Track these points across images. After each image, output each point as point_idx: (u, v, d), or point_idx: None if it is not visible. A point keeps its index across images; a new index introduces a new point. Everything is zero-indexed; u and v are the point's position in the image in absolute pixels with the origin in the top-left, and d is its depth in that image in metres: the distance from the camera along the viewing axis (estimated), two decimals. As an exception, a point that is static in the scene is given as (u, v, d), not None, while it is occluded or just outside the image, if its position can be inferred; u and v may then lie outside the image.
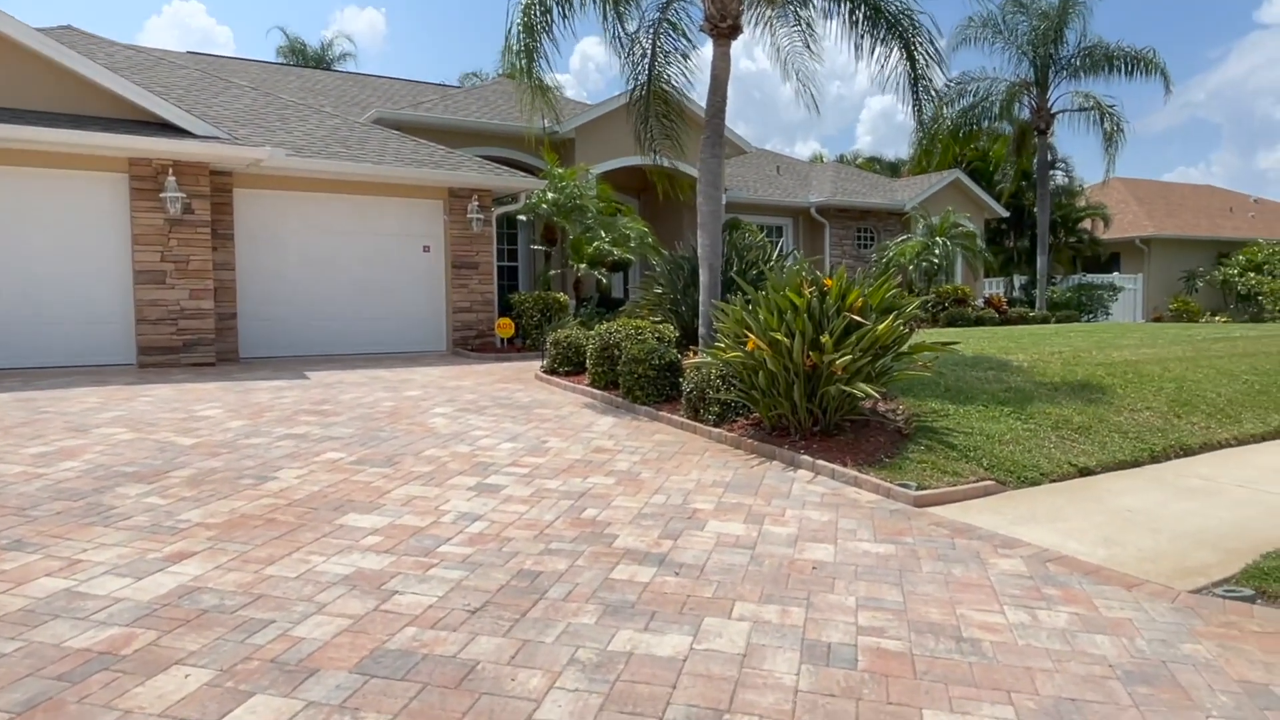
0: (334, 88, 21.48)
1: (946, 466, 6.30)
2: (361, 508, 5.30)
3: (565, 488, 5.89)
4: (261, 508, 5.24)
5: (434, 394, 9.72)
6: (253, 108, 13.90)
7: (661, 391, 8.78)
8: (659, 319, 12.17)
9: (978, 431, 7.12)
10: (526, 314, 14.33)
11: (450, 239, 14.24)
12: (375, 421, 7.98)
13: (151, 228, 11.08)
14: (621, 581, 4.20)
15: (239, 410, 8.35)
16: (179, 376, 10.56)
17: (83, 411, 8.06)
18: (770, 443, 7.02)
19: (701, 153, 10.27)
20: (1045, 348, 11.54)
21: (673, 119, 11.96)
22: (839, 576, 4.36)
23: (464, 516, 5.18)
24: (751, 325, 6.97)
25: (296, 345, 13.07)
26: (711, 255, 10.26)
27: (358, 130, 14.40)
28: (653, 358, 8.79)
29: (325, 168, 12.51)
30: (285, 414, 8.23)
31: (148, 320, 11.13)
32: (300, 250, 13.13)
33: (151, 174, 11.04)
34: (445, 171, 13.58)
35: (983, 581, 4.34)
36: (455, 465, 6.43)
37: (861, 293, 6.86)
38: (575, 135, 18.18)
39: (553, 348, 11.06)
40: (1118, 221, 31.36)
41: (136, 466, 6.12)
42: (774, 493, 5.92)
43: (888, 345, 6.90)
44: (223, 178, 12.10)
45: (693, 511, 5.42)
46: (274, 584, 4.05)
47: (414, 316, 14.18)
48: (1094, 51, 23.23)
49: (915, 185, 24.97)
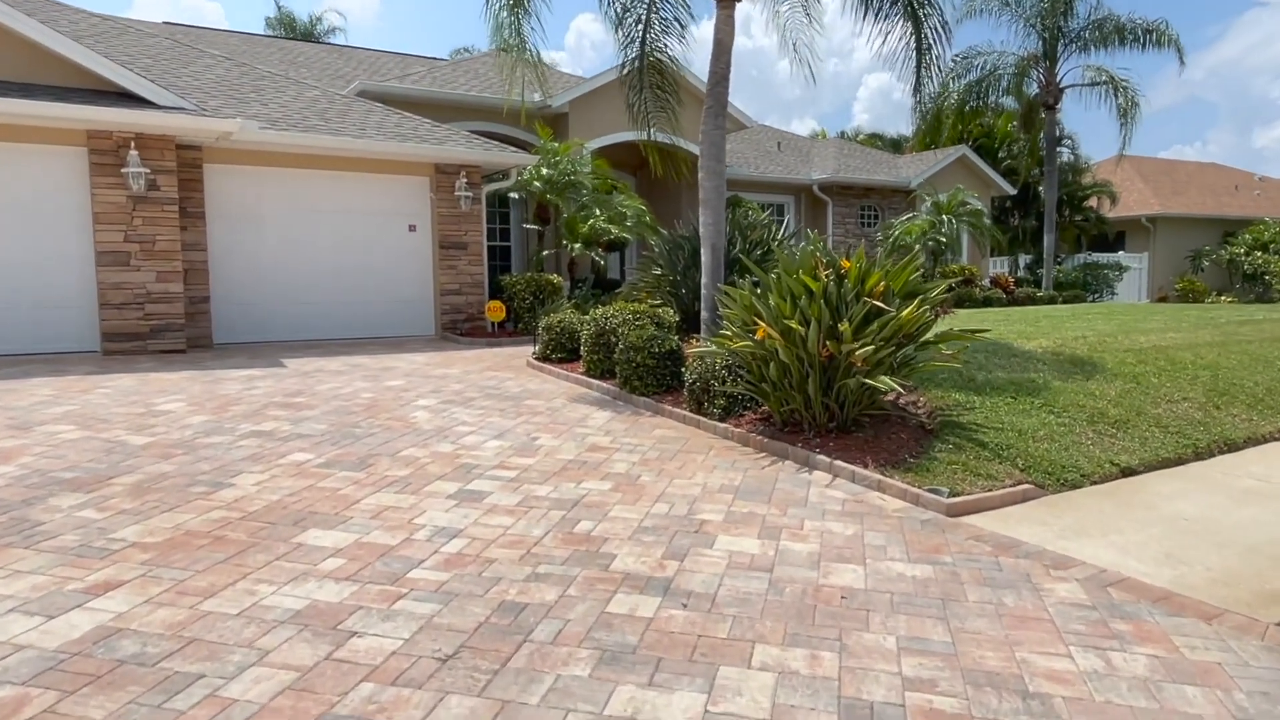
0: (317, 60, 20.64)
1: (979, 468, 5.68)
2: (325, 521, 4.67)
3: (557, 495, 5.26)
4: (210, 522, 4.60)
5: (418, 384, 9.07)
6: (226, 79, 13.14)
7: (662, 381, 8.14)
8: (658, 302, 11.52)
9: (1009, 427, 6.50)
10: (518, 296, 13.65)
11: (437, 218, 13.54)
12: (351, 416, 7.34)
13: (113, 205, 10.36)
14: (620, 617, 3.58)
15: (203, 404, 7.70)
16: (145, 365, 9.89)
17: (31, 406, 7.40)
18: (782, 440, 6.39)
19: (703, 124, 9.57)
20: (1066, 332, 10.92)
21: (668, 91, 11.23)
22: (873, 608, 3.74)
23: (441, 532, 4.55)
24: (762, 312, 6.32)
25: (275, 330, 12.39)
26: (715, 234, 9.60)
27: (338, 103, 13.65)
28: (652, 345, 8.14)
29: (302, 142, 11.78)
30: (254, 408, 7.58)
31: (112, 305, 10.43)
32: (278, 230, 12.42)
33: (112, 148, 10.31)
34: (431, 146, 12.84)
35: (1040, 614, 3.73)
36: (436, 468, 5.79)
37: (883, 276, 6.21)
38: (569, 110, 17.42)
39: (545, 333, 10.41)
40: (1123, 200, 30.69)
41: (77, 472, 5.48)
42: (790, 499, 5.30)
43: (911, 334, 6.26)
44: (191, 152, 11.37)
45: (700, 524, 4.80)
46: (210, 624, 3.43)
47: (400, 299, 13.50)
48: (1104, 24, 22.46)
49: (920, 162, 24.24)
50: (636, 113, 11.22)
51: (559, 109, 17.28)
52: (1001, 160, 29.29)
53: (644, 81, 10.94)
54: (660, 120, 11.35)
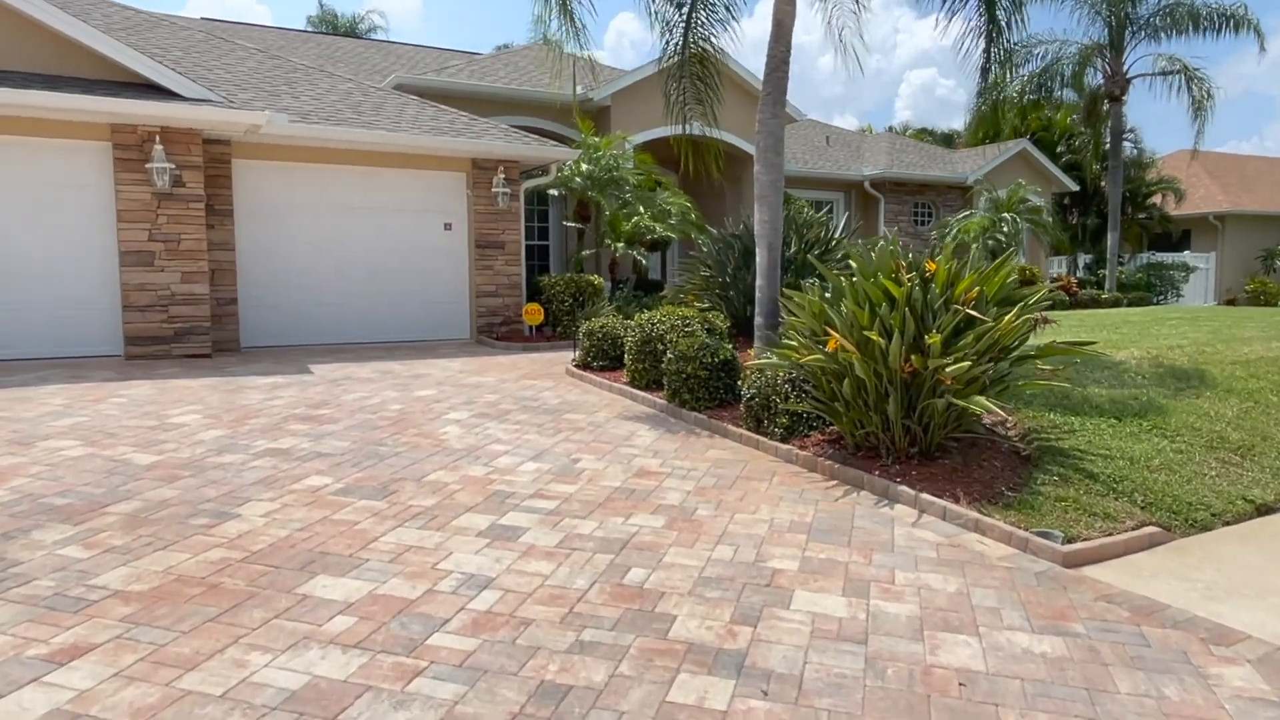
0: (354, 55, 20.22)
1: (1092, 505, 4.89)
2: (337, 565, 4.03)
3: (602, 532, 4.57)
4: (207, 565, 3.99)
5: (450, 394, 8.45)
6: (258, 71, 12.66)
7: (714, 395, 7.42)
8: (706, 305, 10.81)
9: (1118, 453, 5.68)
10: (557, 298, 13.00)
11: (474, 216, 12.94)
12: (377, 431, 6.73)
13: (138, 203, 9.90)
14: (687, 710, 2.88)
15: (220, 416, 7.14)
16: (166, 370, 9.40)
17: (38, 418, 6.89)
18: (856, 466, 5.64)
19: (760, 113, 8.83)
20: (1157, 340, 9.99)
21: (709, 82, 10.38)
22: (1002, 701, 3.00)
23: (469, 581, 3.89)
24: (835, 321, 5.57)
25: (304, 333, 11.88)
26: (771, 233, 8.86)
27: (373, 95, 13.11)
28: (704, 355, 7.43)
29: (334, 135, 11.24)
30: (273, 420, 7.00)
31: (135, 307, 9.97)
32: (309, 229, 11.91)
33: (137, 142, 9.84)
34: (468, 140, 12.24)
35: (1215, 713, 2.96)
36: (466, 496, 5.14)
37: (977, 279, 5.43)
38: (611, 103, 16.76)
39: (586, 339, 9.73)
40: (1189, 197, 29.26)
41: (71, 497, 4.91)
42: (873, 542, 4.55)
43: (1008, 347, 5.47)
44: (219, 147, 10.88)
45: (772, 574, 4.08)
46: (186, 709, 2.79)
47: (434, 301, 12.93)
48: (1176, 9, 21.21)
49: (978, 157, 23.19)
50: (673, 104, 10.39)
51: (601, 102, 16.63)
52: (1060, 155, 28.04)
53: (684, 71, 10.17)
54: (697, 113, 10.55)
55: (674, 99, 10.40)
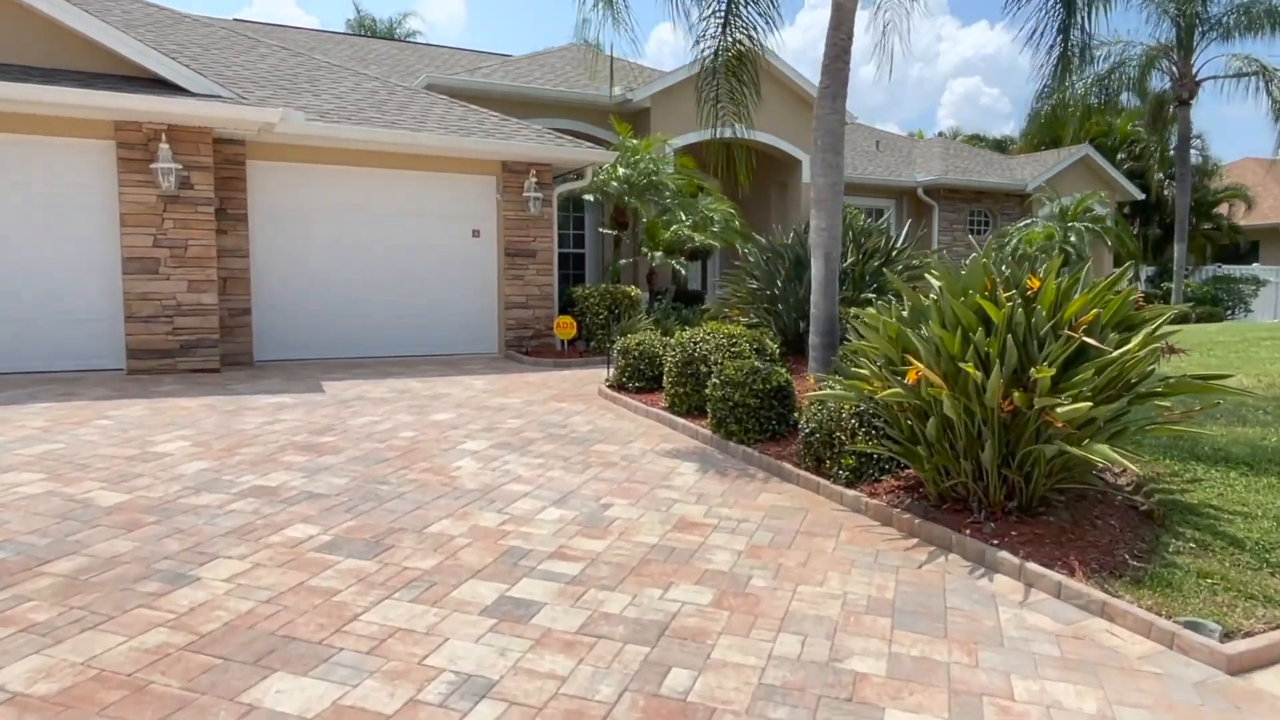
0: (387, 56, 19.65)
1: (1246, 582, 3.90)
2: (300, 658, 3.19)
3: (635, 611, 3.70)
4: (139, 656, 3.18)
5: (469, 418, 7.65)
6: (279, 68, 12.03)
7: (765, 426, 6.52)
8: (751, 320, 9.92)
9: (1261, 510, 4.68)
10: (591, 311, 12.17)
11: (503, 222, 12.16)
12: (381, 466, 5.92)
13: (142, 206, 9.25)
14: None
15: (210, 443, 6.39)
16: (166, 387, 8.71)
17: (8, 444, 6.19)
18: (940, 521, 4.70)
19: (818, 109, 7.93)
20: (1265, 365, 8.87)
21: (743, 79, 9.29)
22: None
23: (464, 686, 3.03)
24: (918, 347, 4.65)
25: (322, 346, 11.18)
26: (829, 241, 7.96)
27: (398, 94, 12.41)
28: (754, 381, 6.53)
29: (354, 135, 10.54)
30: (268, 450, 6.23)
31: (138, 317, 9.31)
32: (328, 235, 11.21)
33: (142, 140, 9.19)
34: (498, 141, 11.47)
35: None
36: (472, 555, 4.30)
37: (1094, 299, 4.48)
38: (650, 104, 15.94)
39: (621, 357, 8.89)
40: (1257, 206, 27.73)
41: (6, 550, 4.15)
42: (976, 631, 3.62)
43: (1130, 382, 4.50)
44: (233, 147, 10.23)
45: (853, 681, 3.17)
46: None
47: (460, 313, 12.16)
48: (1253, 7, 19.88)
49: (1037, 163, 22.01)
50: (703, 100, 9.28)
51: (640, 103, 15.83)
52: (1121, 162, 26.72)
53: (720, 66, 9.10)
54: (731, 114, 9.43)
55: (704, 96, 9.39)
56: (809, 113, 9.50)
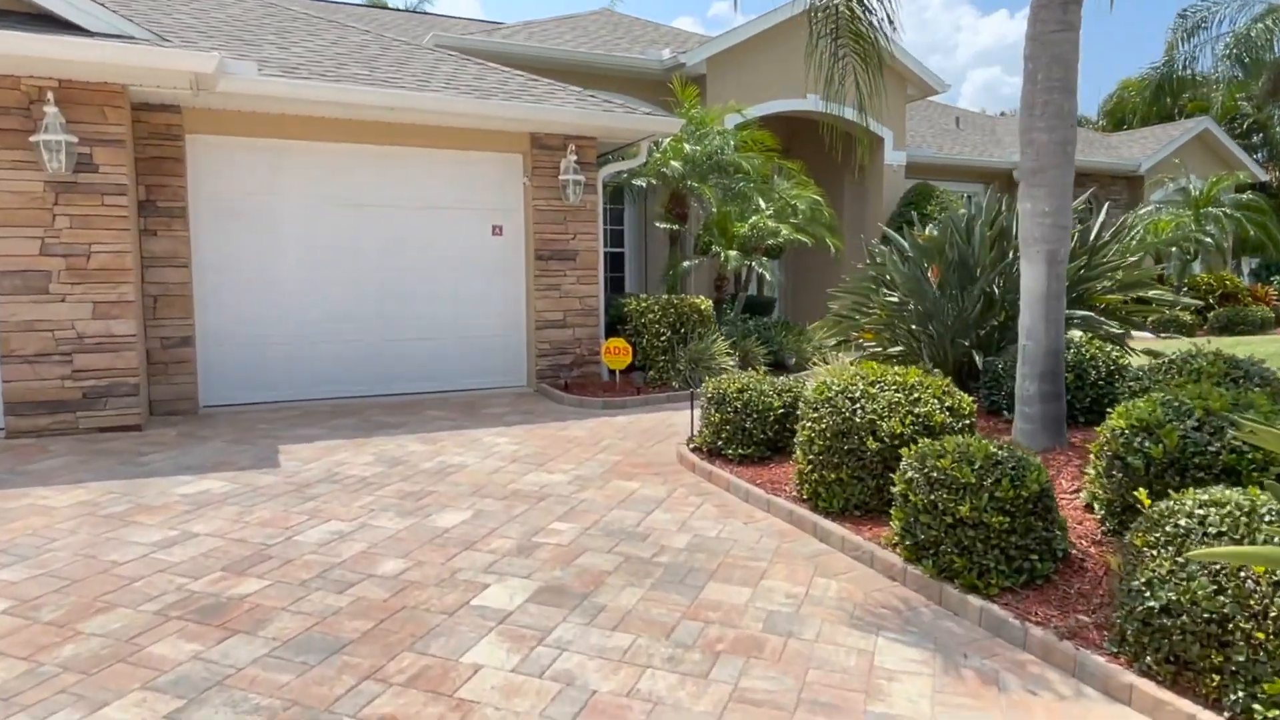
0: (393, 25, 16.82)
1: None
2: None
3: None
4: None
5: (492, 521, 4.81)
6: (239, 19, 9.23)
7: (1013, 561, 3.63)
8: (894, 350, 7.06)
9: None
10: (648, 329, 9.30)
11: (533, 214, 9.30)
12: (328, 667, 3.08)
13: (21, 196, 6.48)
14: None
15: (38, 607, 3.57)
16: (44, 463, 5.93)
17: None
18: None
19: (1036, 25, 5.05)
20: None
21: (862, 39, 6.47)
22: None
23: None
24: None
25: (293, 384, 8.38)
26: (1053, 234, 5.13)
27: (395, 49, 9.58)
28: (996, 486, 3.63)
29: (333, 97, 7.71)
30: (131, 626, 3.40)
31: (18, 356, 6.54)
32: (301, 234, 8.41)
33: (21, 103, 6.42)
34: (526, 105, 8.60)
35: None
36: None
37: None
38: (706, 69, 13.04)
39: (715, 410, 6.01)
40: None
41: None
42: None
43: None
44: (164, 115, 7.44)
45: None
46: None
47: (476, 335, 9.31)
48: None
49: (1147, 140, 18.91)
50: (817, 36, 6.46)
51: (694, 69, 12.92)
52: (1224, 140, 23.55)
53: None
54: (856, 53, 6.64)
55: (819, 31, 6.51)
56: (888, 79, 6.69)
